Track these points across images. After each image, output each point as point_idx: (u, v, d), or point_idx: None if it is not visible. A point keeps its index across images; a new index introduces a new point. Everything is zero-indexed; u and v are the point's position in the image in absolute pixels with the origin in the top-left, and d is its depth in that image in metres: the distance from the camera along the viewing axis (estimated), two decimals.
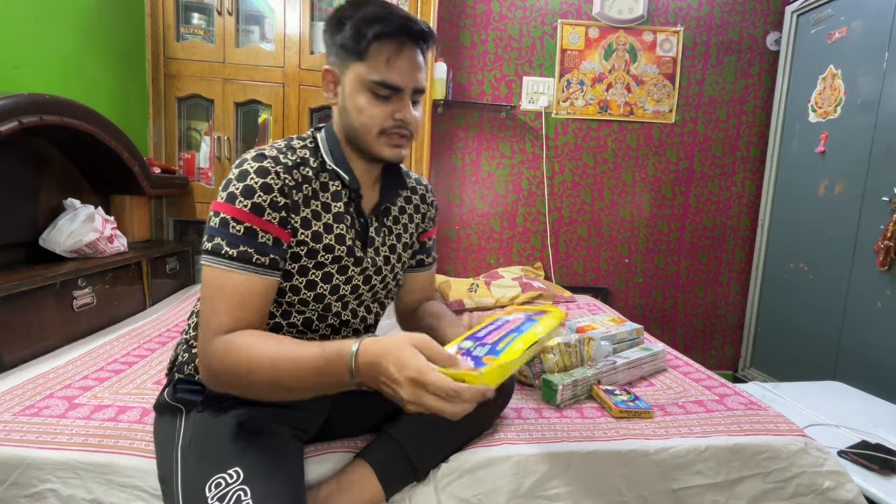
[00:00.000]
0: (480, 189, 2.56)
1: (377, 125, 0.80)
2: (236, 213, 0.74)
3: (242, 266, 0.74)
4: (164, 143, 2.03)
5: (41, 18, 1.52)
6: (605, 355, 1.31)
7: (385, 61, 0.78)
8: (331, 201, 0.84)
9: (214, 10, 1.98)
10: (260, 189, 0.75)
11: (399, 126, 0.81)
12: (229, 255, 0.73)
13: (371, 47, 0.77)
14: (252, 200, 0.74)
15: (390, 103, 0.80)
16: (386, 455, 0.86)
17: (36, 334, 1.25)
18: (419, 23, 0.79)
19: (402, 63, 0.79)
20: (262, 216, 0.75)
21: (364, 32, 0.76)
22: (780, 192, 2.52)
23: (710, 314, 2.76)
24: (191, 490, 0.71)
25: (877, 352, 1.92)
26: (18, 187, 1.40)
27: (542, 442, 0.97)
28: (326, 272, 0.83)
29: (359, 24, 0.77)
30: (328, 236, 0.83)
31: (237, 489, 0.69)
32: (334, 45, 0.81)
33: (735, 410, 1.13)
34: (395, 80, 0.78)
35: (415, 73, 0.81)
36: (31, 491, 0.84)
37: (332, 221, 0.84)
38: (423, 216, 1.01)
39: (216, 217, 0.75)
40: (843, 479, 1.00)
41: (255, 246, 0.75)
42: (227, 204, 0.74)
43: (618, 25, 2.48)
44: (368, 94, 0.79)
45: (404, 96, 0.81)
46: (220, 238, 0.74)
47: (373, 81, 0.78)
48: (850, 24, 2.12)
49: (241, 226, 0.74)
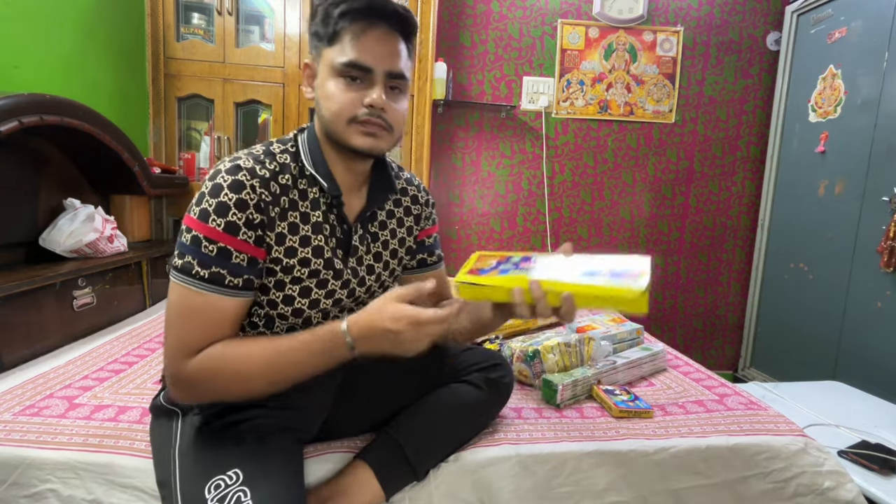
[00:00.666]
0: (480, 189, 2.56)
1: (347, 111, 0.74)
2: (209, 232, 0.69)
3: (213, 287, 0.70)
4: (164, 143, 2.03)
5: (41, 18, 1.52)
6: (605, 355, 1.31)
7: (351, 41, 0.73)
8: (309, 210, 0.79)
9: (214, 10, 1.98)
10: (234, 206, 0.70)
11: (371, 112, 0.75)
12: (200, 275, 0.70)
13: (339, 28, 0.74)
14: (226, 219, 0.70)
15: (361, 88, 0.75)
16: (385, 455, 0.85)
17: (36, 334, 1.25)
18: (392, 3, 0.75)
19: (371, 42, 0.74)
20: (237, 235, 0.71)
21: (331, 13, 0.74)
22: (780, 192, 2.52)
23: (710, 314, 2.76)
24: (190, 492, 0.71)
25: (877, 352, 1.92)
26: (18, 187, 1.40)
27: (542, 442, 0.96)
28: (304, 286, 0.80)
29: (327, 7, 0.74)
30: (304, 250, 0.78)
31: (237, 490, 0.68)
32: (309, 34, 0.79)
33: (735, 410, 1.13)
34: (364, 59, 0.73)
35: (387, 55, 0.75)
36: (31, 491, 0.83)
37: (311, 233, 0.79)
38: (416, 217, 0.95)
39: (188, 233, 0.70)
40: (843, 479, 1.00)
41: (227, 267, 0.71)
42: (199, 221, 0.70)
43: (618, 25, 2.48)
44: (338, 80, 0.75)
45: (374, 78, 0.75)
46: (192, 257, 0.70)
47: (341, 64, 0.73)
48: (850, 24, 2.12)
49: (214, 245, 0.70)
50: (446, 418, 0.91)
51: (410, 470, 0.86)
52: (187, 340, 0.70)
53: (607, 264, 0.76)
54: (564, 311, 0.72)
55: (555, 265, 0.77)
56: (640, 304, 0.69)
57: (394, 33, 0.76)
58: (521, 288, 0.73)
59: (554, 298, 0.72)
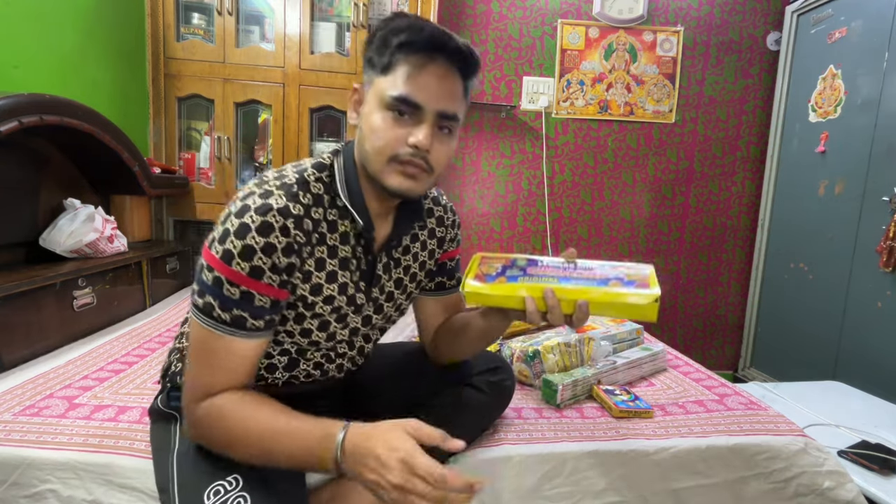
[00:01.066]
0: (480, 189, 2.56)
1: (390, 149, 0.70)
2: (231, 275, 0.66)
3: (233, 330, 0.68)
4: (164, 143, 2.02)
5: (41, 18, 1.52)
6: (605, 355, 1.31)
7: (407, 75, 0.69)
8: (338, 244, 0.76)
9: (214, 10, 1.98)
10: (261, 251, 0.66)
11: (414, 153, 0.70)
12: (222, 318, 0.67)
13: (395, 59, 0.69)
14: (251, 263, 0.66)
15: (408, 125, 0.70)
16: None
17: (36, 334, 1.25)
18: (455, 39, 0.70)
19: (427, 79, 0.69)
20: (261, 279, 0.67)
21: (389, 42, 0.69)
22: (780, 192, 2.52)
23: (710, 314, 2.76)
24: (189, 498, 0.70)
25: (877, 352, 1.92)
26: (18, 187, 1.40)
27: (542, 442, 0.96)
28: (324, 321, 0.78)
29: (385, 34, 0.70)
30: (329, 287, 0.76)
31: (237, 496, 0.68)
32: (364, 61, 0.74)
33: (735, 410, 1.13)
34: (416, 96, 0.68)
35: (441, 94, 0.70)
36: (31, 491, 0.83)
37: (338, 268, 0.76)
38: (439, 241, 0.92)
39: (209, 272, 0.67)
40: (843, 479, 1.00)
41: (250, 310, 0.68)
42: (221, 262, 0.66)
43: (618, 25, 2.48)
44: (385, 113, 0.70)
45: (424, 118, 0.70)
46: (213, 297, 0.67)
47: (391, 97, 0.69)
48: (850, 24, 2.12)
49: (237, 289, 0.67)
50: (448, 422, 0.91)
51: None
52: (202, 382, 0.69)
53: (614, 272, 0.77)
54: (577, 318, 0.72)
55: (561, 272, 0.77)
56: (651, 313, 0.71)
57: (452, 71, 0.71)
58: (532, 297, 0.72)
59: (567, 306, 0.72)
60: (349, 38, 2.05)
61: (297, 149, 2.06)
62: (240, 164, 2.11)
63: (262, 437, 0.67)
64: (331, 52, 2.04)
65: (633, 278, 0.76)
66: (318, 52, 2.03)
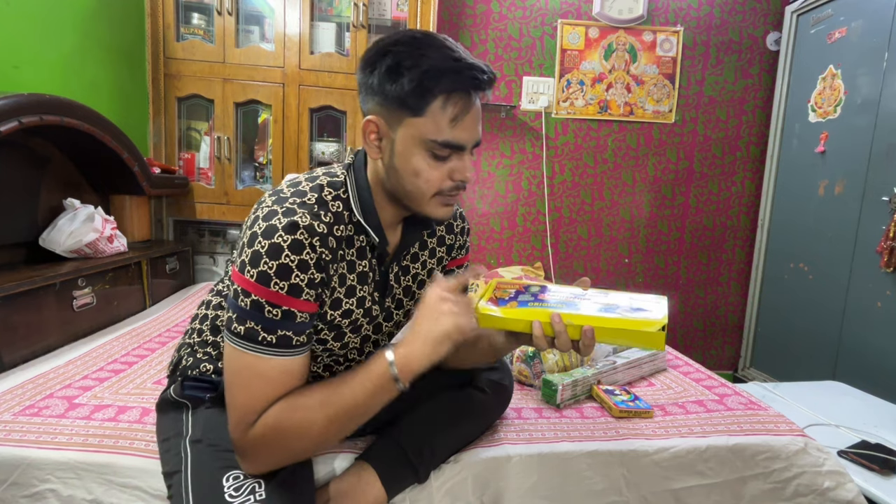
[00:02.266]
0: (480, 189, 2.56)
1: (435, 188, 0.73)
2: (271, 297, 0.66)
3: (281, 351, 0.68)
4: (164, 143, 2.02)
5: (41, 18, 1.52)
6: (605, 355, 1.31)
7: (450, 120, 0.69)
8: (356, 258, 0.78)
9: (214, 10, 1.98)
10: (297, 268, 0.67)
11: (457, 186, 0.74)
12: (268, 341, 0.67)
13: (434, 103, 0.68)
14: (289, 282, 0.67)
15: (449, 162, 0.72)
16: (388, 457, 0.86)
17: (36, 334, 1.25)
18: (487, 71, 0.70)
19: (469, 120, 0.71)
20: (300, 297, 0.68)
21: (428, 87, 0.67)
22: (780, 192, 2.52)
23: (710, 314, 2.76)
24: (204, 481, 0.71)
25: (877, 352, 1.92)
26: (18, 187, 1.40)
27: (542, 442, 0.96)
28: (339, 332, 0.80)
29: (422, 78, 0.67)
30: (348, 301, 0.78)
31: (252, 481, 0.70)
32: (381, 92, 0.70)
33: (735, 410, 1.13)
34: (462, 139, 0.71)
35: (477, 127, 0.73)
36: (31, 491, 0.83)
37: (356, 282, 0.78)
38: (448, 248, 0.93)
39: (246, 297, 0.67)
40: (843, 479, 1.00)
41: (293, 328, 0.69)
42: (258, 285, 0.66)
43: (618, 25, 2.48)
44: (426, 154, 0.71)
45: (465, 154, 0.73)
46: (255, 323, 0.67)
47: (435, 143, 0.70)
48: (850, 24, 2.12)
49: (279, 310, 0.67)
50: (449, 421, 0.91)
51: (413, 471, 0.86)
52: (252, 406, 0.68)
53: (625, 301, 0.78)
54: (584, 344, 0.73)
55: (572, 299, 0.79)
56: (657, 341, 0.71)
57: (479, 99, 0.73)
58: (539, 322, 0.74)
59: (574, 332, 0.73)
60: (349, 39, 2.06)
61: (297, 149, 2.06)
62: (240, 164, 2.11)
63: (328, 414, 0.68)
64: (331, 52, 2.04)
65: (643, 307, 0.76)
66: (318, 52, 2.04)
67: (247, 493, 0.68)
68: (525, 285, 0.85)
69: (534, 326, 0.73)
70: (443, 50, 0.69)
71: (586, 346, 0.72)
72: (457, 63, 0.68)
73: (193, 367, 0.83)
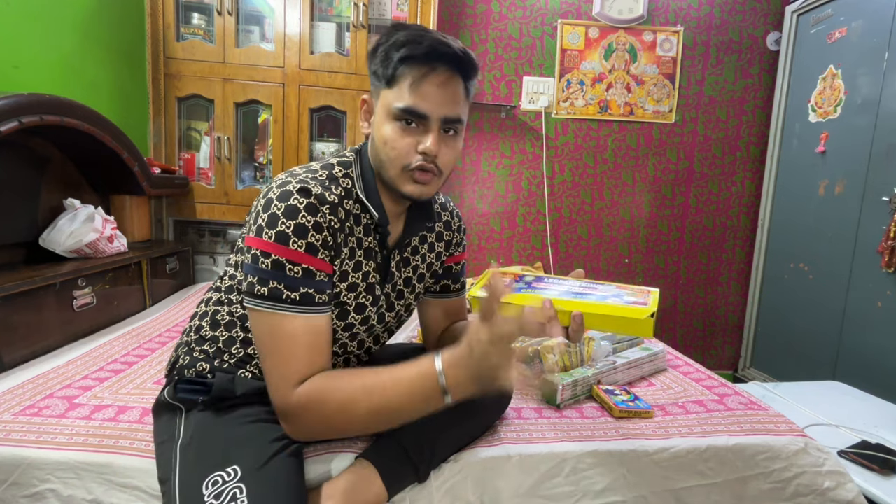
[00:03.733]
0: (480, 189, 2.56)
1: (402, 159, 0.75)
2: (291, 255, 0.70)
3: (306, 309, 0.71)
4: (164, 143, 2.02)
5: (41, 18, 1.52)
6: (605, 355, 1.31)
7: (410, 86, 0.73)
8: (362, 236, 0.81)
9: (214, 10, 1.98)
10: (313, 228, 0.71)
11: (424, 159, 0.75)
12: (292, 299, 0.70)
13: (398, 72, 0.73)
14: (306, 241, 0.71)
15: (416, 133, 0.75)
16: (389, 455, 0.86)
17: (36, 334, 1.25)
18: (452, 46, 0.73)
19: (429, 88, 0.73)
20: (317, 255, 0.72)
21: (391, 56, 0.73)
22: (780, 192, 2.52)
23: (710, 314, 2.76)
24: (188, 488, 0.71)
25: (877, 352, 1.92)
26: (18, 187, 1.40)
27: (542, 442, 0.96)
28: (343, 310, 0.82)
29: (388, 49, 0.74)
30: (355, 275, 0.80)
31: (233, 487, 0.68)
32: (369, 72, 0.79)
33: (735, 410, 1.13)
34: (421, 106, 0.73)
35: (444, 101, 0.74)
36: (31, 491, 0.83)
37: (362, 258, 0.81)
38: (446, 244, 0.97)
39: (266, 258, 0.70)
40: (843, 479, 1.00)
41: (314, 286, 0.72)
42: (279, 245, 0.70)
43: (618, 25, 2.48)
44: (394, 124, 0.75)
45: (431, 125, 0.75)
46: (277, 282, 0.70)
47: (398, 109, 0.74)
48: (850, 24, 2.12)
49: (298, 267, 0.71)
50: (449, 420, 0.91)
51: (414, 470, 0.86)
52: (291, 370, 0.70)
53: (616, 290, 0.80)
54: (572, 329, 0.73)
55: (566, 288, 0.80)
56: (646, 328, 0.72)
57: (454, 77, 0.75)
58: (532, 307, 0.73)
59: (564, 318, 0.74)
60: (349, 38, 2.06)
61: (297, 149, 2.06)
62: (240, 164, 2.11)
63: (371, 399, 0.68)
64: (331, 52, 2.04)
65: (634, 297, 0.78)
66: (318, 52, 2.03)
67: (228, 501, 0.67)
68: (520, 275, 0.86)
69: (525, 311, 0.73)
70: (416, 30, 0.75)
71: (575, 331, 0.73)
72: (418, 34, 0.73)
73: (190, 367, 0.84)
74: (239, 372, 0.83)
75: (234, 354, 0.84)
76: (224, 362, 0.84)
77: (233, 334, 0.84)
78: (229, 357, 0.84)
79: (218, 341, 0.85)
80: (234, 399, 0.80)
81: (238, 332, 0.84)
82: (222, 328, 0.85)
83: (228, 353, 0.84)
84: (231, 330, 0.84)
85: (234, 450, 0.74)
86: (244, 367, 0.84)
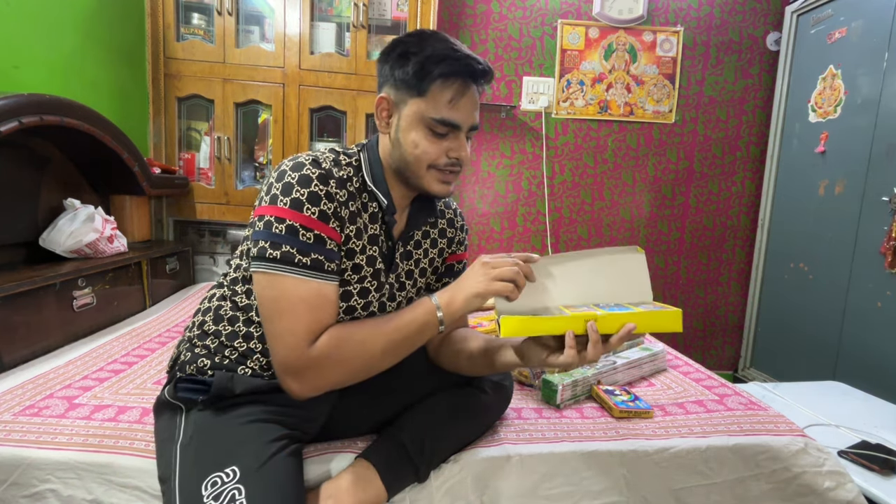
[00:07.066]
0: (480, 189, 2.56)
1: (430, 160, 0.81)
2: (304, 221, 0.74)
3: (317, 274, 0.74)
4: (164, 143, 2.02)
5: (41, 18, 1.52)
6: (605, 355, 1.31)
7: (448, 101, 0.79)
8: (368, 223, 0.84)
9: (214, 10, 1.98)
10: (325, 197, 0.75)
11: (452, 163, 0.82)
12: (303, 263, 0.73)
13: (434, 85, 0.78)
14: (319, 208, 0.75)
15: (446, 140, 0.81)
16: (389, 455, 0.86)
17: (36, 334, 1.25)
18: (482, 63, 0.80)
19: (465, 103, 0.80)
20: (328, 223, 0.76)
21: (429, 70, 0.77)
22: (780, 192, 2.52)
23: (710, 314, 2.76)
24: (188, 488, 0.71)
25: (877, 352, 1.92)
26: (18, 187, 1.40)
27: (542, 442, 0.96)
28: (347, 291, 0.83)
29: (423, 62, 0.77)
30: (361, 256, 0.83)
31: (232, 488, 0.69)
32: (392, 77, 0.81)
33: (735, 410, 1.13)
34: (456, 119, 0.80)
35: (473, 112, 0.82)
36: (31, 491, 0.83)
37: (367, 243, 0.84)
38: (448, 241, 1.00)
39: (280, 223, 0.73)
40: (843, 480, 1.00)
41: (324, 253, 0.75)
42: (292, 210, 0.73)
43: (618, 25, 2.48)
44: (425, 131, 0.80)
45: (461, 134, 0.82)
46: (290, 246, 0.73)
47: (433, 119, 0.79)
48: (850, 24, 2.12)
49: (311, 233, 0.74)
50: (449, 420, 0.92)
51: (414, 470, 0.86)
52: (305, 327, 0.73)
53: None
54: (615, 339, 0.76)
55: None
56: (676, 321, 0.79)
57: (476, 89, 0.83)
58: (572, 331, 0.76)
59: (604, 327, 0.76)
60: (349, 39, 2.05)
61: (297, 149, 2.06)
62: (240, 165, 2.11)
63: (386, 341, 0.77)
64: (331, 53, 2.04)
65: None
66: (318, 53, 2.04)
67: (227, 502, 0.67)
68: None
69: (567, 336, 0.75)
70: (445, 42, 0.80)
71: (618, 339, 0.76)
72: (455, 52, 0.79)
73: (191, 363, 0.84)
74: (238, 369, 0.83)
75: (235, 349, 0.84)
76: (225, 358, 0.84)
77: (235, 328, 0.84)
78: (231, 352, 0.84)
79: (220, 335, 0.85)
80: (233, 398, 0.80)
81: (240, 327, 0.84)
82: (225, 322, 0.85)
83: (230, 348, 0.84)
84: (234, 324, 0.85)
85: (233, 450, 0.74)
86: (244, 362, 0.84)
